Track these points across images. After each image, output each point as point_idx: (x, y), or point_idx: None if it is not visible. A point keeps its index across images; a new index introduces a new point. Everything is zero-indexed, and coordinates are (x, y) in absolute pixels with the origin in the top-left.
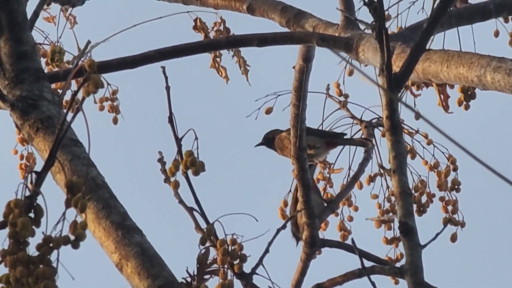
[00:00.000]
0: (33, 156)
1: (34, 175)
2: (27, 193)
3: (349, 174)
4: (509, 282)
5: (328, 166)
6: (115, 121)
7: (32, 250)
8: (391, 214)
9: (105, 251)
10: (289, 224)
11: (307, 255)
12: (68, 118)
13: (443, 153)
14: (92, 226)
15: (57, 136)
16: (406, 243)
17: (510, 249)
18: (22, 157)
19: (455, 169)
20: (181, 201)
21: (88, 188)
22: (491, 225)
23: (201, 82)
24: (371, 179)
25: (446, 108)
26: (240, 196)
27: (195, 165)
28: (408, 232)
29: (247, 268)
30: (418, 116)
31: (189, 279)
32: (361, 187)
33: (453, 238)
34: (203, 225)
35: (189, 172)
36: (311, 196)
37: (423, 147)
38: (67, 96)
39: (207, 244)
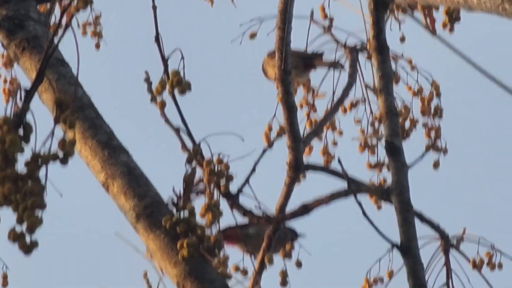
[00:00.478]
0: (16, 81)
1: (23, 92)
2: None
3: (333, 100)
4: (492, 207)
5: (311, 91)
6: (97, 46)
7: (20, 167)
8: (374, 139)
9: (91, 170)
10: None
11: (291, 179)
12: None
13: (426, 78)
14: (79, 145)
15: (46, 52)
16: (392, 163)
17: (493, 176)
18: (5, 81)
19: (438, 95)
20: (167, 121)
21: (74, 108)
22: (474, 152)
23: (185, 5)
24: (355, 104)
25: (433, 31)
26: (226, 116)
27: (182, 85)
28: (394, 151)
29: (233, 187)
30: (434, 32)
31: (175, 199)
32: (345, 112)
33: (436, 165)
34: (190, 145)
35: (176, 91)
36: (296, 120)
37: (407, 73)
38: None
39: (194, 164)
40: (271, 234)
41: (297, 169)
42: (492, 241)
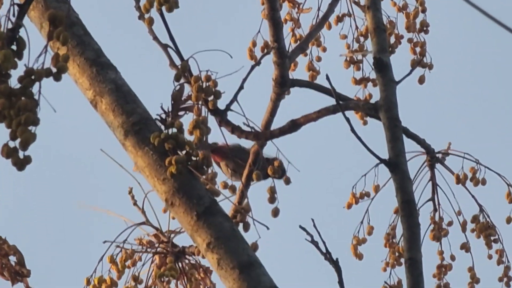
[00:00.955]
0: None
1: (16, 8)
2: (9, 26)
3: (318, 15)
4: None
5: (297, 6)
6: None
7: (14, 83)
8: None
9: (80, 88)
10: None
11: (277, 95)
12: None
13: None
14: None
15: None
16: (381, 79)
17: (477, 91)
18: None
19: (423, 11)
20: (155, 38)
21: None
22: (459, 68)
23: None
24: (340, 19)
25: None
26: (215, 34)
27: (169, 2)
28: (382, 67)
29: (221, 104)
30: None
31: (163, 116)
32: (329, 27)
33: (421, 80)
34: (178, 61)
35: (164, 8)
36: (282, 36)
37: None
38: None
39: (182, 80)
40: (258, 150)
41: (283, 85)
42: (477, 157)
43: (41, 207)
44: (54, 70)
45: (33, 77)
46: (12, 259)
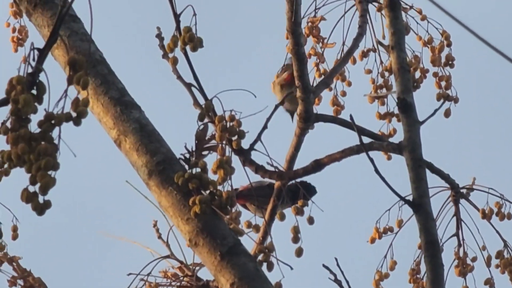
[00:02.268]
0: (25, 29)
1: (36, 52)
2: (29, 70)
3: (342, 50)
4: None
5: (321, 40)
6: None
7: (34, 127)
8: (384, 89)
9: (104, 127)
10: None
11: (301, 130)
12: None
13: (437, 29)
14: (91, 102)
15: (60, 11)
16: (405, 120)
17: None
18: (14, 30)
19: (449, 45)
20: (179, 77)
21: (88, 67)
22: (484, 100)
23: None
24: (365, 54)
25: None
26: (238, 72)
27: (193, 41)
28: (406, 108)
29: (245, 144)
30: None
31: (187, 155)
32: (354, 62)
33: (447, 113)
34: (202, 101)
35: (188, 48)
36: (306, 71)
37: (417, 23)
38: None
39: (206, 120)
40: (281, 186)
41: (307, 120)
42: (501, 191)
43: (66, 239)
44: (74, 114)
45: (53, 121)
46: None
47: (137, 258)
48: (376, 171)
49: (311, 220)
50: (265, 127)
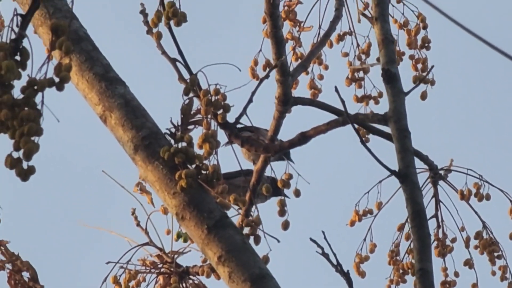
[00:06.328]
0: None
1: (19, 18)
2: (13, 36)
3: (319, 33)
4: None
5: (298, 24)
6: None
7: (17, 93)
8: (368, 60)
9: (89, 103)
10: None
11: (280, 113)
12: None
13: (412, 11)
14: (75, 78)
15: None
16: (390, 90)
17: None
18: None
19: (425, 27)
20: (164, 52)
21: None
22: (462, 82)
23: None
24: (341, 37)
25: None
26: (222, 47)
27: (177, 16)
28: (391, 78)
29: (230, 118)
30: None
31: (173, 130)
32: (331, 46)
33: (423, 96)
34: (186, 75)
35: (172, 23)
36: (284, 53)
37: (393, 6)
38: None
39: (191, 94)
40: (267, 158)
41: (285, 103)
42: (480, 172)
43: (43, 223)
44: (56, 80)
45: (35, 87)
46: (25, 275)
47: (117, 247)
48: (362, 142)
49: (297, 193)
50: (250, 100)
